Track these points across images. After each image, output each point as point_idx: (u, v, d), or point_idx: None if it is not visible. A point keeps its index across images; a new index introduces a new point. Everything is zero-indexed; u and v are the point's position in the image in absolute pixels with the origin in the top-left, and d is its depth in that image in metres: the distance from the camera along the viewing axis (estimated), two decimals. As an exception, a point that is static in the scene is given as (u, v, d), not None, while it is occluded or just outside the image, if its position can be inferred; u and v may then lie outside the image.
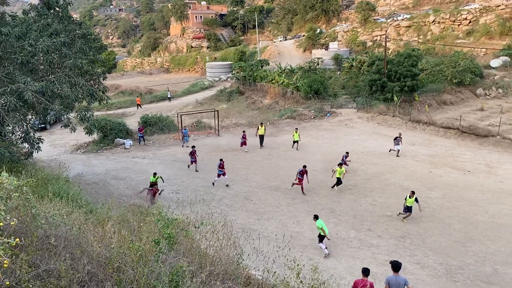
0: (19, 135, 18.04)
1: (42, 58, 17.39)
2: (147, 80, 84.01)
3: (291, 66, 54.34)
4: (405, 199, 17.25)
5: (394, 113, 35.83)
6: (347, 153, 24.37)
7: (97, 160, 27.96)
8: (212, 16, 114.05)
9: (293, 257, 14.07)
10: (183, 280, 5.89)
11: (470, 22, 59.77)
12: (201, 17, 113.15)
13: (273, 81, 50.18)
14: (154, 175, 20.34)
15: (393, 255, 14.27)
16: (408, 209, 17.20)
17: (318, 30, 78.63)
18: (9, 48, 16.28)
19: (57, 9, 20.06)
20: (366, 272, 9.73)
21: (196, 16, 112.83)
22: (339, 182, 20.88)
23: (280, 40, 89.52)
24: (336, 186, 20.97)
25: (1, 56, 16.27)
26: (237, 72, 59.63)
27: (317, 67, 55.04)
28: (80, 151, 30.70)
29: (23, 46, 15.98)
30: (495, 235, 16.02)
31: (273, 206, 19.36)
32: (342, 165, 21.30)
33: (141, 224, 8.51)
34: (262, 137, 29.35)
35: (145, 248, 6.54)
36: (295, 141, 28.65)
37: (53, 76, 17.28)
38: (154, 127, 35.27)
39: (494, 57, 48.05)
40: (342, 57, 61.17)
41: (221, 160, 22.20)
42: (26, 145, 18.44)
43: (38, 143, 18.03)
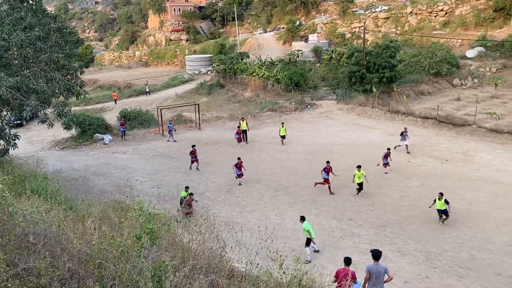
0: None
1: (16, 52, 16.96)
2: (126, 74, 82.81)
3: (271, 59, 54.31)
4: (434, 201, 16.21)
5: (373, 104, 36.24)
6: (388, 149, 22.28)
7: (76, 156, 27.52)
8: (190, 9, 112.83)
9: (276, 248, 14.17)
10: (165, 274, 5.87)
11: (446, 13, 60.74)
12: (179, 9, 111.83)
13: (254, 74, 50.08)
14: (186, 189, 17.89)
15: (374, 244, 14.50)
16: (441, 212, 16.11)
17: (298, 22, 78.68)
18: (-19, 42, 15.82)
19: (31, 2, 19.56)
20: (347, 261, 9.87)
21: (175, 9, 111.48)
22: (361, 187, 19.10)
23: (260, 33, 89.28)
24: (358, 192, 19.20)
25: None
26: (217, 65, 59.27)
27: (297, 59, 55.15)
28: (58, 147, 30.14)
29: (-5, 41, 15.56)
30: (472, 222, 16.44)
31: (256, 198, 19.43)
32: (361, 167, 19.17)
33: (122, 220, 8.43)
34: (245, 132, 28.91)
35: (126, 243, 6.48)
36: (282, 136, 27.95)
37: (28, 71, 16.89)
38: (133, 122, 34.86)
39: (469, 48, 48.98)
40: (322, 49, 61.42)
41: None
42: (1, 142, 18.02)
43: (14, 140, 17.64)
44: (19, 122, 35.47)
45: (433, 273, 13.17)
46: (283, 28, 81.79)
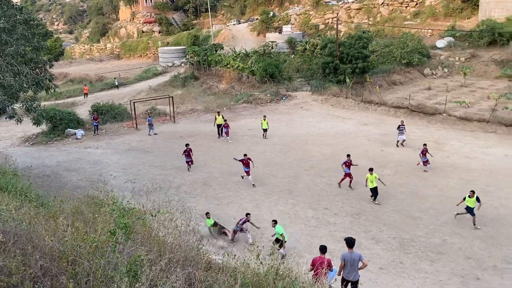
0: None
1: (-20, 45, 16.36)
2: (97, 67, 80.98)
3: (245, 50, 54.06)
4: (464, 199, 15.46)
5: (347, 94, 36.65)
6: (424, 145, 20.91)
7: (47, 152, 26.85)
8: (162, 0, 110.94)
9: (253, 239, 14.27)
10: (141, 269, 5.81)
11: (416, 4, 61.76)
12: (151, 0, 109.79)
13: (228, 66, 49.80)
14: (208, 216, 15.33)
15: (349, 232, 14.77)
16: (469, 210, 15.30)
17: (271, 14, 78.51)
18: None
19: (-6, -7, 18.83)
20: (323, 249, 10.00)
21: (146, 0, 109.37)
22: (375, 192, 17.36)
23: (234, 24, 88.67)
24: (374, 198, 17.43)
25: None
26: (191, 57, 58.61)
27: (272, 50, 55.08)
28: (29, 143, 29.32)
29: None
30: (443, 208, 16.92)
31: (233, 190, 19.44)
32: (373, 170, 17.41)
33: (96, 215, 8.28)
34: (220, 127, 28.14)
35: (100, 239, 6.38)
36: (264, 129, 27.44)
37: (-7, 64, 16.32)
38: (106, 116, 34.19)
39: (439, 38, 50.00)
40: (296, 41, 61.53)
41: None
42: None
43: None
44: (-15, 118, 34.32)
45: (407, 259, 13.52)
46: (257, 19, 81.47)
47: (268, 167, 22.25)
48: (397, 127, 24.69)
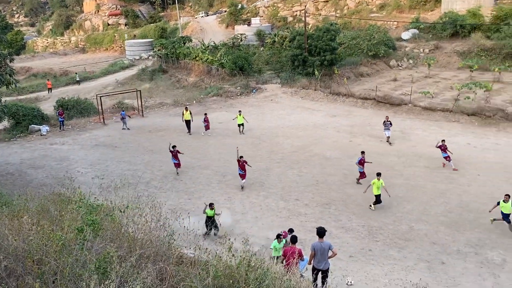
0: None
1: None
2: (62, 61, 78.54)
3: (214, 43, 53.62)
4: (498, 203, 14.23)
5: (315, 87, 37.00)
6: (443, 141, 20.12)
7: (10, 149, 25.93)
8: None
9: (224, 232, 14.28)
10: (111, 266, 5.73)
11: (382, -4, 62.80)
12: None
13: (197, 58, 49.26)
14: (211, 207, 14.65)
15: (320, 222, 15.01)
16: (505, 217, 14.09)
17: (240, 6, 78.11)
18: None
19: None
20: (294, 239, 10.14)
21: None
22: (378, 200, 16.28)
23: (202, 16, 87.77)
24: (375, 204, 16.40)
25: None
26: (159, 50, 57.67)
27: (241, 43, 54.88)
28: (-10, 140, 28.25)
29: None
30: (410, 196, 17.43)
31: (204, 184, 19.38)
32: (380, 176, 16.22)
33: (63, 213, 8.10)
34: (188, 123, 27.39)
35: (67, 237, 6.26)
36: (240, 124, 26.96)
37: (-51, 59, 15.57)
38: (72, 111, 33.22)
39: (404, 30, 51.06)
40: (265, 33, 61.49)
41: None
42: None
43: None
44: None
45: (376, 246, 13.88)
46: (225, 11, 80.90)
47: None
48: (383, 122, 23.97)
